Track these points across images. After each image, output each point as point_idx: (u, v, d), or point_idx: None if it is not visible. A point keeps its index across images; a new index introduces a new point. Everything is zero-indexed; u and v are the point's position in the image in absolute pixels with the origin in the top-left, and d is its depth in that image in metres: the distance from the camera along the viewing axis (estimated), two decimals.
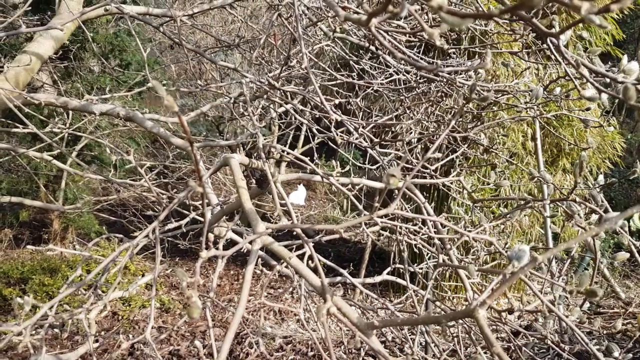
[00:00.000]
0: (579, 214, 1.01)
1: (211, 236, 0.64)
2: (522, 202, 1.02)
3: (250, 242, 0.69)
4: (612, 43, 5.41)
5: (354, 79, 1.81)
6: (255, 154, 0.99)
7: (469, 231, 0.87)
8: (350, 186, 1.25)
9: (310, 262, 0.76)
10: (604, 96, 0.88)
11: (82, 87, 5.17)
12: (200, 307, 0.44)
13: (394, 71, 1.90)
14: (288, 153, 1.07)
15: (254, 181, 1.10)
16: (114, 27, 6.62)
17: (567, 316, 0.80)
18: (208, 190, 1.40)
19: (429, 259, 1.47)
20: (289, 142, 6.92)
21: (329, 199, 9.70)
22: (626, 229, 0.98)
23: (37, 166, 5.47)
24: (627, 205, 8.29)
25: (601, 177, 1.74)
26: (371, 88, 1.57)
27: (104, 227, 6.19)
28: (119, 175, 5.02)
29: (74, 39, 5.38)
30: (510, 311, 1.04)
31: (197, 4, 2.89)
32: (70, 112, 2.28)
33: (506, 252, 0.89)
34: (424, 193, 4.76)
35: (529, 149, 5.17)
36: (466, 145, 1.51)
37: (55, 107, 1.76)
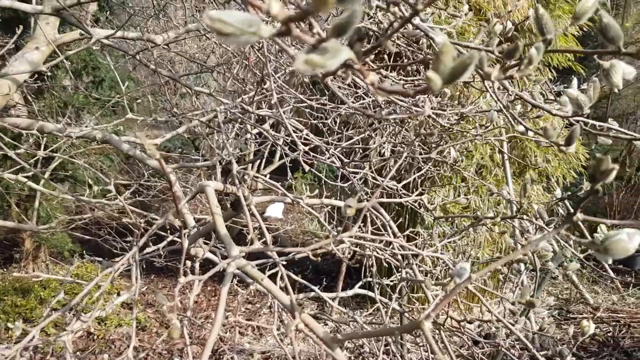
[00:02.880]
0: (528, 230, 1.11)
1: (189, 262, 0.70)
2: (476, 220, 1.11)
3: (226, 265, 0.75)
4: (573, 59, 5.67)
5: (325, 99, 1.90)
6: (229, 179, 1.05)
7: (427, 248, 0.96)
8: (322, 206, 1.32)
9: (281, 282, 0.83)
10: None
11: (55, 105, 5.14)
12: (180, 329, 0.51)
13: (363, 93, 1.99)
14: (263, 177, 1.14)
15: (229, 204, 1.17)
16: (87, 44, 6.59)
17: (514, 323, 0.89)
18: (185, 212, 1.46)
19: (398, 272, 1.55)
20: (265, 155, 6.97)
21: (307, 211, 9.74)
22: (571, 242, 1.08)
23: (9, 185, 5.38)
24: (595, 212, 8.57)
25: (558, 191, 1.86)
26: (340, 110, 1.65)
27: (78, 245, 6.12)
28: (93, 193, 4.99)
29: (47, 58, 5.35)
30: (471, 321, 1.12)
31: (170, 26, 2.95)
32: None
33: (453, 266, 0.98)
34: (397, 207, 4.87)
35: (497, 161, 5.34)
36: (430, 164, 1.61)
37: (33, 132, 1.80)
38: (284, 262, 0.97)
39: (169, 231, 1.22)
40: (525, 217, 1.05)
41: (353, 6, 0.25)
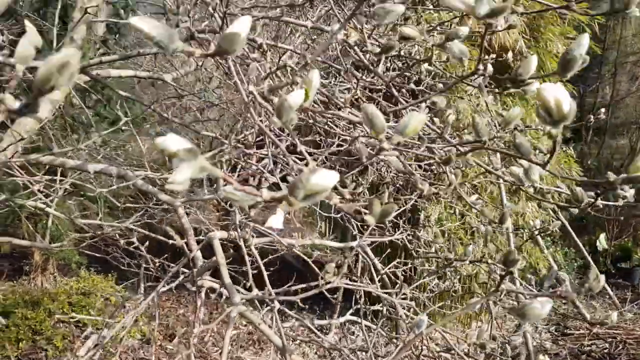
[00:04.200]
0: (495, 271, 1.27)
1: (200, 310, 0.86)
2: (448, 261, 1.28)
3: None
4: (564, 80, 5.83)
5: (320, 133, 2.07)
6: (232, 227, 1.22)
7: (397, 292, 1.12)
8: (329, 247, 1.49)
9: (276, 326, 0.99)
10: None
11: (66, 124, 5.34)
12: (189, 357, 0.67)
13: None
14: (261, 226, 1.31)
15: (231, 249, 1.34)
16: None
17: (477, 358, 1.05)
18: (192, 244, 1.64)
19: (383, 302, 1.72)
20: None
21: (307, 222, 9.91)
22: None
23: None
24: (596, 224, 8.67)
25: (538, 222, 2.01)
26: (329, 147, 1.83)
27: (84, 257, 6.29)
28: (102, 208, 5.18)
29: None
30: (447, 350, 1.28)
31: (180, 63, 3.14)
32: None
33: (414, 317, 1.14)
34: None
35: (491, 178, 5.49)
36: (416, 197, 1.78)
37: (55, 166, 1.97)
38: (280, 299, 1.13)
39: (180, 271, 1.38)
40: (490, 260, 1.21)
41: (314, 200, 0.42)
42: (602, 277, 0.65)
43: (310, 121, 1.25)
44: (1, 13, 1.55)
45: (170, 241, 2.35)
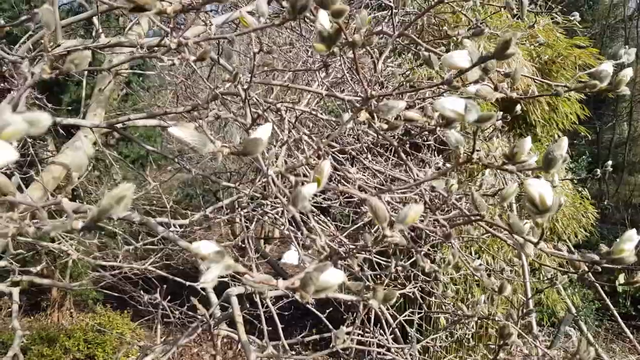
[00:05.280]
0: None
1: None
2: (460, 317, 1.32)
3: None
4: (577, 122, 5.91)
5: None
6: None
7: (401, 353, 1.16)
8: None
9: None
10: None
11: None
12: None
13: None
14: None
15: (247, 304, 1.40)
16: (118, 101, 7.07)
17: None
18: (209, 292, 1.71)
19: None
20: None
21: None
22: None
23: (42, 237, 5.70)
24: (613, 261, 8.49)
25: (548, 274, 2.04)
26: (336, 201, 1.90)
27: (101, 293, 6.36)
28: (120, 245, 5.29)
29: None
30: None
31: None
32: None
33: None
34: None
35: (507, 220, 5.48)
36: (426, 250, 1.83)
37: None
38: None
39: (199, 315, 1.45)
40: (499, 315, 1.25)
41: (324, 295, 0.49)
42: (592, 350, 0.70)
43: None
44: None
45: (187, 283, 2.42)
